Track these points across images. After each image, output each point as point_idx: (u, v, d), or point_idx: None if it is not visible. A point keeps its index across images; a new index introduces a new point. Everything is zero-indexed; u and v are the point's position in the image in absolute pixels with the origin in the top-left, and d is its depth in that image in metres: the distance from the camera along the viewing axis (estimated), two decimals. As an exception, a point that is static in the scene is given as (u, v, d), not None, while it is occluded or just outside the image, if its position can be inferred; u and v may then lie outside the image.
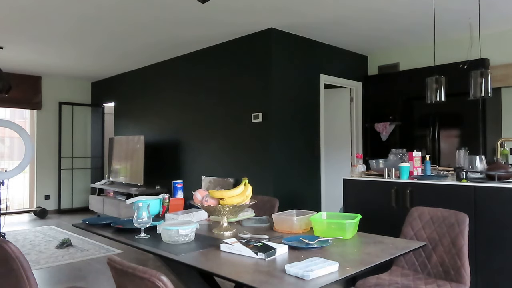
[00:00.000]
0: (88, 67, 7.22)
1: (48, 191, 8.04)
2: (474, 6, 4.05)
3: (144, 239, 2.04)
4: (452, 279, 2.22)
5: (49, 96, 8.05)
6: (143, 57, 6.41)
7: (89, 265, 4.33)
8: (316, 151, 5.39)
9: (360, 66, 6.14)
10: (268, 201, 2.80)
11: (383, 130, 5.71)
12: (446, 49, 5.26)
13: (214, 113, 5.67)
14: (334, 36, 5.27)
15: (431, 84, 3.37)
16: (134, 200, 2.39)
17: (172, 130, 6.46)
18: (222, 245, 1.81)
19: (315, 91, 5.42)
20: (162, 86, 6.69)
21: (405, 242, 1.98)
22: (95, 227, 2.37)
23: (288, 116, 5.05)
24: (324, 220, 2.11)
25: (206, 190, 2.26)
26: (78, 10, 4.28)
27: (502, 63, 4.86)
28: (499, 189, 2.72)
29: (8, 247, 1.62)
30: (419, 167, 3.34)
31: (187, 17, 4.49)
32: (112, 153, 7.47)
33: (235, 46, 5.38)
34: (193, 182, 5.87)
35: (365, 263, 1.61)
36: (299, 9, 4.27)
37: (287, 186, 5.00)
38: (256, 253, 1.70)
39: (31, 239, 5.60)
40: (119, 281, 1.44)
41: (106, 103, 8.41)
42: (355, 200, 3.52)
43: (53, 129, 8.10)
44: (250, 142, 5.12)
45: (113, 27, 4.87)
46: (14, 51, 6.04)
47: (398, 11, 4.34)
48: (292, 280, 1.42)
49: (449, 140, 5.06)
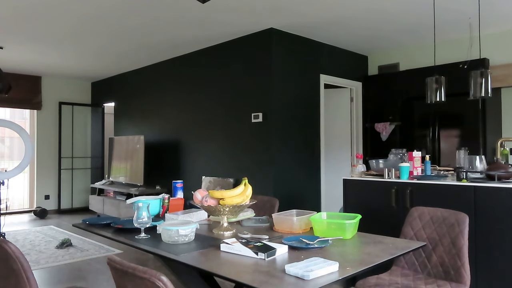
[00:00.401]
0: (88, 67, 7.22)
1: (48, 191, 8.04)
2: (474, 6, 4.05)
3: (144, 239, 2.04)
4: (452, 279, 2.22)
5: (49, 96, 8.05)
6: (143, 57, 6.41)
7: (89, 265, 4.33)
8: (316, 151, 5.39)
9: (360, 66, 6.14)
10: (268, 201, 2.80)
11: (383, 130, 5.71)
12: (446, 49, 5.26)
13: (214, 113, 5.67)
14: (334, 36, 5.27)
15: (431, 84, 3.37)
16: (134, 200, 2.38)
17: (172, 130, 6.46)
18: (222, 245, 1.81)
19: (315, 91, 5.42)
20: (162, 86, 6.69)
21: (405, 242, 1.98)
22: (95, 227, 2.37)
23: (288, 116, 5.05)
24: (324, 220, 2.11)
25: (206, 190, 2.26)
26: (78, 10, 4.28)
27: (502, 63, 4.86)
28: (499, 189, 2.72)
29: (8, 247, 1.62)
30: (419, 167, 3.34)
31: (187, 17, 4.49)
32: (112, 153, 7.47)
33: (235, 46, 5.38)
34: (193, 182, 5.87)
35: (365, 263, 1.61)
36: (299, 9, 4.27)
37: (287, 186, 5.00)
38: (256, 253, 1.70)
39: (31, 239, 5.60)
40: (119, 281, 1.44)
41: (106, 103, 8.40)
42: (355, 200, 3.52)
43: (53, 129, 8.10)
44: (250, 142, 5.12)
45: (113, 27, 4.87)
46: (14, 51, 6.04)
47: (398, 11, 4.34)
48: (292, 280, 1.42)
49: (449, 140, 5.06)
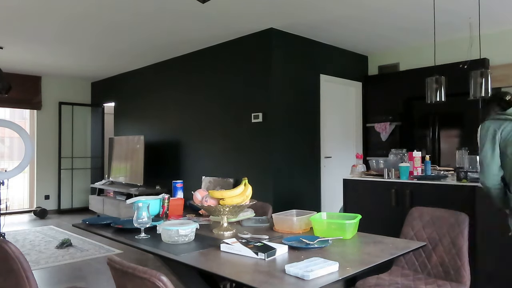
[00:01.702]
0: (88, 67, 7.22)
1: (48, 191, 8.04)
2: (474, 6, 4.04)
3: (144, 239, 2.04)
4: (452, 279, 2.22)
5: (49, 96, 8.05)
6: (143, 57, 6.41)
7: (89, 265, 4.33)
8: (316, 151, 5.39)
9: (360, 66, 6.14)
10: (261, 206, 2.77)
11: (383, 130, 5.71)
12: (446, 49, 5.25)
13: (214, 113, 5.67)
14: (334, 36, 5.27)
15: (431, 84, 3.37)
16: (134, 200, 2.38)
17: (172, 130, 6.46)
18: (222, 245, 1.81)
19: (315, 91, 5.41)
20: (162, 86, 6.69)
21: (405, 242, 1.98)
22: (95, 227, 2.37)
23: (288, 116, 5.05)
24: (324, 220, 2.11)
25: (206, 190, 2.26)
26: (78, 10, 4.27)
27: (502, 63, 4.86)
28: (499, 189, 2.71)
29: (8, 247, 1.62)
30: (419, 167, 3.34)
31: (187, 17, 4.49)
32: (112, 153, 7.47)
33: (235, 46, 5.38)
34: (193, 182, 5.87)
35: (365, 263, 1.61)
36: (299, 9, 4.26)
37: (287, 186, 4.99)
38: (256, 253, 1.70)
39: (31, 239, 5.60)
40: (119, 281, 1.44)
41: (106, 103, 8.40)
42: (355, 200, 3.52)
43: (53, 129, 8.10)
44: (250, 142, 5.11)
45: (113, 27, 4.87)
46: (14, 51, 6.04)
47: (398, 11, 4.34)
48: (292, 280, 1.42)
49: (449, 140, 5.06)
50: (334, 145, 5.78)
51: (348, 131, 6.00)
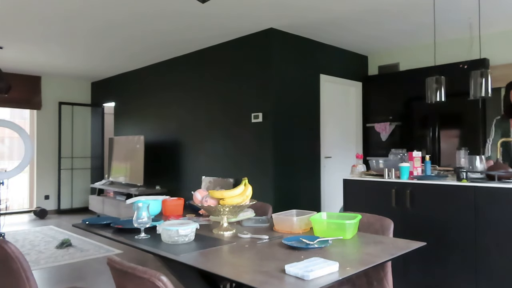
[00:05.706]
0: (88, 67, 7.22)
1: (48, 191, 8.04)
2: (474, 6, 4.04)
3: (144, 239, 2.03)
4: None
5: (49, 96, 8.05)
6: (143, 57, 6.41)
7: (89, 265, 4.33)
8: (316, 151, 5.39)
9: (360, 66, 6.14)
10: (261, 207, 2.77)
11: (383, 130, 5.71)
12: (446, 49, 5.25)
13: (214, 113, 5.66)
14: (334, 36, 5.27)
15: (431, 84, 3.37)
16: (134, 200, 2.38)
17: (172, 130, 6.46)
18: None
19: (315, 91, 5.41)
20: (162, 86, 6.68)
21: (405, 242, 1.98)
22: (95, 227, 2.37)
23: (288, 116, 5.05)
24: (324, 220, 2.11)
25: (206, 190, 2.26)
26: (78, 10, 4.27)
27: (502, 63, 4.86)
28: (499, 189, 2.72)
29: (8, 247, 1.62)
30: (419, 167, 3.34)
31: (187, 17, 4.49)
32: (112, 153, 7.46)
33: (235, 46, 5.38)
34: (193, 182, 5.87)
35: (365, 263, 1.61)
36: (299, 9, 4.26)
37: (287, 186, 4.99)
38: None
39: (31, 239, 5.60)
40: (119, 281, 1.44)
41: (106, 103, 8.40)
42: (355, 200, 3.51)
43: (53, 129, 8.10)
44: (250, 142, 5.11)
45: (113, 27, 4.87)
46: (14, 51, 6.04)
47: (398, 11, 4.34)
48: (292, 280, 1.42)
49: (449, 140, 5.06)
50: (334, 145, 5.78)
51: (348, 131, 6.00)
